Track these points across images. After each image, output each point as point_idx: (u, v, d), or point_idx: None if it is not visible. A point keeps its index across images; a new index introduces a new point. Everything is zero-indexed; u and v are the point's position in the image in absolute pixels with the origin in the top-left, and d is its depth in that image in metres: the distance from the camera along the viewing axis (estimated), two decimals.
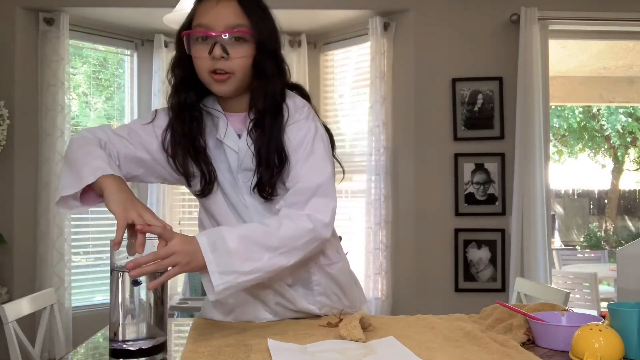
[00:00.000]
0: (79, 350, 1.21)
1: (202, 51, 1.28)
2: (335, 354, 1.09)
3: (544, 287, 2.38)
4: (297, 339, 1.21)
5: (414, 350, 1.10)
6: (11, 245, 3.44)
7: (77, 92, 3.95)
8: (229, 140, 1.35)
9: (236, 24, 1.27)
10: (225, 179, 1.37)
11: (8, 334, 1.77)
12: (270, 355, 1.08)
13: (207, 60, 1.28)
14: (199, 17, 1.30)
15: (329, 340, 1.18)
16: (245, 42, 1.29)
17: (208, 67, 1.29)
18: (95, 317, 3.51)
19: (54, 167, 3.47)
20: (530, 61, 3.40)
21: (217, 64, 1.27)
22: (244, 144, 1.33)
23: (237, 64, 1.28)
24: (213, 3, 1.28)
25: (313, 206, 1.25)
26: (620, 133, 11.23)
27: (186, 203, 4.09)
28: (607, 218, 12.73)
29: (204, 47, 1.28)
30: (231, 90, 1.32)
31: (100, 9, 3.58)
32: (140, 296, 1.06)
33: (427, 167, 3.56)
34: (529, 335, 1.21)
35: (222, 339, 1.22)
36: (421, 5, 3.59)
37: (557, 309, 1.31)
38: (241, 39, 1.28)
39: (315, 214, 1.24)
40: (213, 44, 1.26)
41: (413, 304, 3.45)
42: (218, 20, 1.27)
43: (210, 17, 1.27)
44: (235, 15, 1.28)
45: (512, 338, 1.19)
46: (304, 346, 1.14)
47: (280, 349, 1.12)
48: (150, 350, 1.06)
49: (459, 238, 3.55)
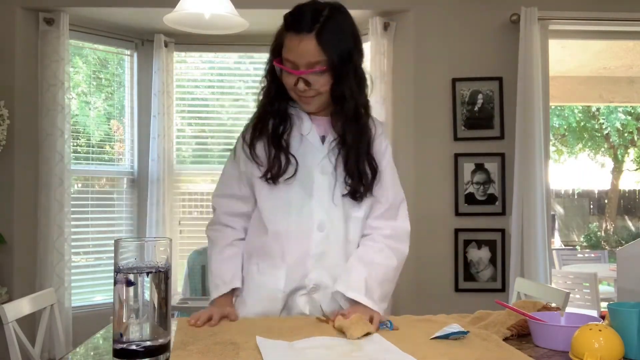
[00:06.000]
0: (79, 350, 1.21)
1: (289, 79, 1.48)
2: (323, 350, 1.11)
3: (544, 287, 2.38)
4: (283, 335, 1.22)
5: (399, 346, 1.13)
6: (11, 245, 3.44)
7: (76, 91, 3.95)
8: (312, 138, 1.54)
9: (315, 62, 1.43)
10: (302, 172, 1.52)
11: (8, 334, 1.77)
12: (259, 352, 1.10)
13: (294, 87, 1.48)
14: (286, 51, 1.46)
15: (316, 337, 1.20)
16: (325, 73, 1.45)
17: (294, 91, 1.49)
18: (95, 317, 3.51)
19: (54, 167, 3.47)
20: (530, 61, 3.40)
21: (302, 93, 1.48)
22: (326, 148, 1.53)
23: (321, 89, 1.47)
24: (296, 41, 1.43)
25: (401, 217, 1.59)
26: (620, 131, 11.23)
27: (186, 203, 4.10)
28: (607, 218, 12.73)
29: (291, 78, 1.47)
30: (317, 108, 1.53)
31: (100, 9, 3.58)
32: (145, 297, 1.07)
33: (427, 167, 3.56)
34: (512, 330, 1.22)
35: (210, 337, 1.23)
36: (421, 5, 3.59)
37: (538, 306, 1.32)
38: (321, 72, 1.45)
39: (403, 224, 1.59)
40: (297, 79, 1.46)
41: (413, 304, 3.45)
42: (300, 59, 1.44)
43: (294, 55, 1.44)
44: (314, 54, 1.43)
45: (495, 333, 1.21)
46: (292, 343, 1.16)
47: (268, 346, 1.13)
48: (155, 350, 1.06)
49: (459, 238, 3.55)
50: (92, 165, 3.95)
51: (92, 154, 3.98)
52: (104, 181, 4.06)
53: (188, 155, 4.23)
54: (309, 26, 1.43)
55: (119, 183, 4.03)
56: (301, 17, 1.44)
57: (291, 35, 1.44)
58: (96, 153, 4.00)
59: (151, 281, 1.06)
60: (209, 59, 4.23)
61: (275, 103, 1.54)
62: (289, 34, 1.45)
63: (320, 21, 1.44)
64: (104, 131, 4.06)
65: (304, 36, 1.42)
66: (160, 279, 1.08)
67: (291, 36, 1.44)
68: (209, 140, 4.26)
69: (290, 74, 1.46)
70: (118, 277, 1.06)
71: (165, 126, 3.91)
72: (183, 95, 4.16)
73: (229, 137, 4.24)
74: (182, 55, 4.13)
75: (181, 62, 4.16)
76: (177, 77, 4.10)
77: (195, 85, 4.23)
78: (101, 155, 4.04)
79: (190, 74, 4.23)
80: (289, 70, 1.46)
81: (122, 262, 1.07)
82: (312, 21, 1.43)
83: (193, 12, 2.41)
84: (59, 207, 3.47)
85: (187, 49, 4.09)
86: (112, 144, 4.11)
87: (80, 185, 3.91)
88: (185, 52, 4.12)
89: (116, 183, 4.04)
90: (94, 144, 3.99)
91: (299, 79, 1.45)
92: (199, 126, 4.25)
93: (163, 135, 3.90)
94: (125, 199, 4.01)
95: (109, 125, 4.09)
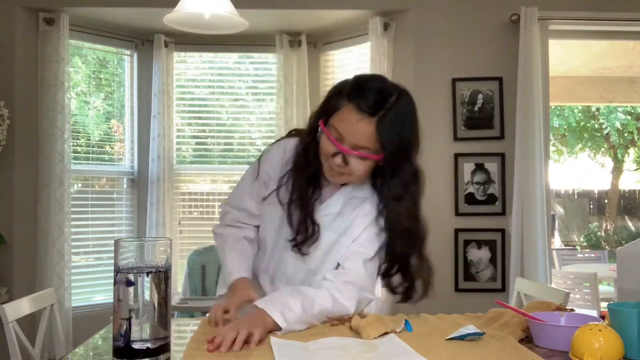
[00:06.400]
0: (79, 350, 1.21)
1: (327, 147, 1.38)
2: (336, 351, 1.10)
3: (544, 287, 2.38)
4: (299, 336, 1.22)
5: (414, 348, 1.11)
6: (11, 245, 3.44)
7: (76, 91, 3.95)
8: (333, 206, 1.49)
9: (364, 147, 1.34)
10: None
11: (8, 334, 1.77)
12: (272, 353, 1.09)
13: (329, 156, 1.38)
14: (338, 121, 1.36)
15: (331, 337, 1.19)
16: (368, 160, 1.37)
17: (328, 162, 1.40)
18: (95, 317, 3.51)
19: (54, 167, 3.47)
20: (530, 61, 3.40)
21: (335, 167, 1.39)
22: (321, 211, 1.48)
23: (355, 173, 1.39)
24: (354, 119, 1.33)
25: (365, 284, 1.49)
26: (620, 131, 11.23)
27: (186, 203, 4.10)
28: (607, 218, 12.73)
29: (330, 147, 1.37)
30: (341, 183, 1.46)
31: (100, 9, 3.58)
32: (145, 297, 1.07)
33: (427, 167, 3.52)
34: (528, 332, 1.22)
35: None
36: (421, 5, 3.59)
37: (552, 307, 1.31)
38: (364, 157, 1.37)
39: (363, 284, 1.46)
40: (337, 152, 1.36)
41: (413, 304, 3.45)
42: (350, 138, 1.34)
43: (346, 129, 1.34)
44: (368, 140, 1.34)
45: (510, 335, 1.20)
46: (306, 343, 1.15)
47: (282, 346, 1.13)
48: (155, 350, 1.06)
49: (459, 238, 3.55)
50: (92, 165, 3.95)
51: (92, 154, 3.98)
52: (104, 181, 4.06)
53: (188, 155, 4.23)
54: (373, 109, 1.33)
55: (119, 183, 4.03)
56: (367, 95, 1.34)
57: (351, 108, 1.34)
58: (96, 153, 4.00)
59: (151, 281, 1.06)
60: (209, 59, 4.23)
61: (313, 163, 1.45)
62: (349, 106, 1.34)
63: (386, 107, 1.34)
64: (103, 131, 4.06)
65: (365, 117, 1.33)
66: (160, 279, 1.08)
67: (350, 109, 1.34)
68: (208, 140, 4.25)
69: (332, 144, 1.37)
70: (118, 277, 1.06)
71: (165, 126, 3.91)
72: (183, 95, 4.16)
73: (228, 137, 4.24)
74: (182, 55, 4.13)
75: (181, 62, 4.16)
76: (177, 77, 4.10)
77: (195, 85, 4.23)
78: (101, 155, 4.03)
79: (190, 74, 4.23)
80: (334, 141, 1.36)
81: (122, 262, 1.07)
82: (378, 104, 1.33)
83: (193, 12, 2.41)
84: (59, 207, 3.47)
85: (187, 49, 4.09)
86: (112, 144, 4.11)
87: (80, 185, 3.91)
88: (185, 52, 4.12)
89: (116, 183, 4.04)
90: (93, 144, 3.99)
91: (339, 154, 1.36)
92: (198, 126, 4.25)
93: (163, 135, 3.90)
94: (125, 199, 4.01)
95: (109, 125, 4.09)
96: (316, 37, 3.99)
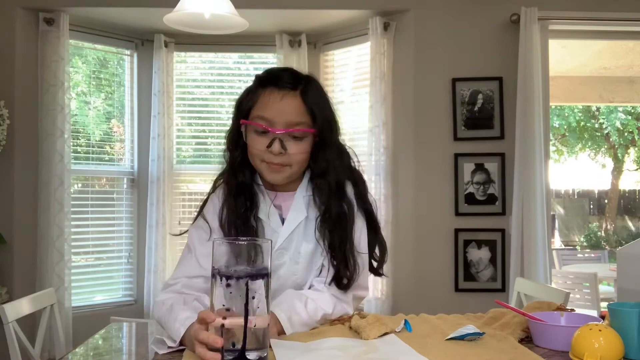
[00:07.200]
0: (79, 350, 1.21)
1: (259, 143, 1.31)
2: (337, 352, 1.10)
3: (544, 287, 2.38)
4: (299, 336, 1.22)
5: (414, 348, 1.12)
6: (11, 245, 3.44)
7: (76, 91, 3.95)
8: (272, 221, 1.38)
9: (298, 122, 1.30)
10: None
11: (8, 334, 1.77)
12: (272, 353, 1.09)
13: (264, 152, 1.30)
14: (261, 108, 1.30)
15: (331, 338, 1.19)
16: (305, 138, 1.32)
17: (264, 158, 1.32)
18: (95, 317, 3.51)
19: (54, 167, 3.47)
20: (530, 61, 3.40)
21: (273, 159, 1.30)
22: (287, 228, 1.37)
23: (295, 159, 1.32)
24: (277, 97, 1.30)
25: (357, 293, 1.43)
26: (620, 131, 11.23)
27: (186, 203, 4.09)
28: (607, 218, 12.73)
29: (262, 140, 1.30)
30: (284, 179, 1.35)
31: (100, 9, 3.58)
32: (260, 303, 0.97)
33: (427, 167, 3.56)
34: (528, 332, 1.22)
35: None
36: (421, 5, 3.59)
37: (552, 307, 1.31)
38: (301, 135, 1.31)
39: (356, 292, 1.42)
40: (272, 139, 1.29)
41: (413, 304, 3.45)
42: (280, 117, 1.28)
43: (272, 112, 1.29)
44: (298, 113, 1.30)
45: (510, 335, 1.20)
46: (307, 343, 1.15)
47: (282, 346, 1.13)
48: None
49: (459, 238, 3.55)
50: (92, 165, 3.95)
51: (92, 154, 3.98)
52: (104, 181, 4.06)
53: (188, 155, 4.23)
54: (292, 84, 1.32)
55: (119, 183, 4.03)
56: (281, 76, 1.33)
57: (271, 90, 1.31)
58: (96, 153, 4.00)
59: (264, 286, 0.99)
60: (209, 59, 4.23)
61: (240, 175, 1.37)
62: (267, 89, 1.32)
63: (303, 82, 1.34)
64: (103, 131, 4.06)
65: (287, 92, 1.30)
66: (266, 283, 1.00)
67: (271, 91, 1.31)
68: (208, 140, 4.26)
69: (264, 133, 1.30)
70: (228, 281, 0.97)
71: (165, 126, 3.91)
72: (183, 95, 4.16)
73: None
74: (182, 55, 4.13)
75: (181, 62, 4.16)
76: (177, 77, 4.10)
77: (195, 85, 4.23)
78: (101, 155, 4.03)
79: (190, 74, 4.23)
80: (265, 127, 1.29)
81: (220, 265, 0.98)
82: (295, 80, 1.33)
83: (193, 12, 2.41)
84: (59, 207, 3.47)
85: (187, 49, 4.09)
86: (112, 144, 4.11)
87: (80, 185, 3.91)
88: (185, 52, 4.12)
89: (116, 183, 4.04)
90: (93, 144, 3.99)
91: (275, 140, 1.29)
92: (198, 126, 4.25)
93: (163, 135, 3.90)
94: (125, 198, 4.00)
95: (109, 125, 4.09)
96: (316, 37, 3.99)
